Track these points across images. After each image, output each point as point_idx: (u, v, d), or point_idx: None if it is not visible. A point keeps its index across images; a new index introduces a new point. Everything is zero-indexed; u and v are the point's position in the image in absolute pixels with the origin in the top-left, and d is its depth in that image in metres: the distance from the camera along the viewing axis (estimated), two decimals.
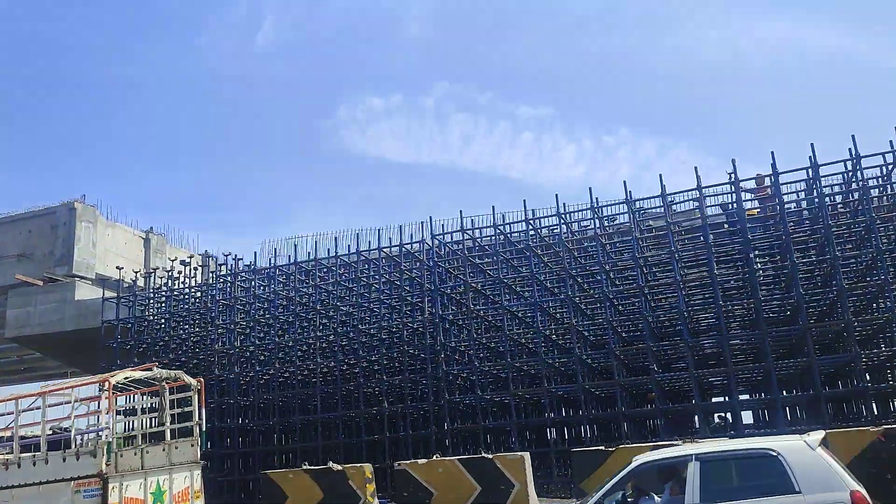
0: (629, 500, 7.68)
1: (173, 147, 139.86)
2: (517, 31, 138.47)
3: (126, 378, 14.06)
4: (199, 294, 22.43)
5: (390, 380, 18.77)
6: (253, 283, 21.20)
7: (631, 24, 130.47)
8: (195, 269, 24.98)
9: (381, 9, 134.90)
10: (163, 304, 22.98)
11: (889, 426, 10.78)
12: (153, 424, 16.84)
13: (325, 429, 19.63)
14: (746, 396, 26.49)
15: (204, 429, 14.56)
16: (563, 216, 17.73)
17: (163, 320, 22.68)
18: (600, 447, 13.71)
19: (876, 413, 15.60)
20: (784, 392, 19.95)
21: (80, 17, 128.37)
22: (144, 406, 15.96)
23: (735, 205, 17.81)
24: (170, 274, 22.79)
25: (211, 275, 23.03)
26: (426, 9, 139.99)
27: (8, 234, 25.40)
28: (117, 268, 22.54)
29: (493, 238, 18.57)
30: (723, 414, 22.41)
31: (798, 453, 7.11)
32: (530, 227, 18.33)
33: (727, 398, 22.42)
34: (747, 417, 22.92)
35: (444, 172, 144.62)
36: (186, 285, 23.45)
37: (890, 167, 15.91)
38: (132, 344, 22.09)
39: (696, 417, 22.60)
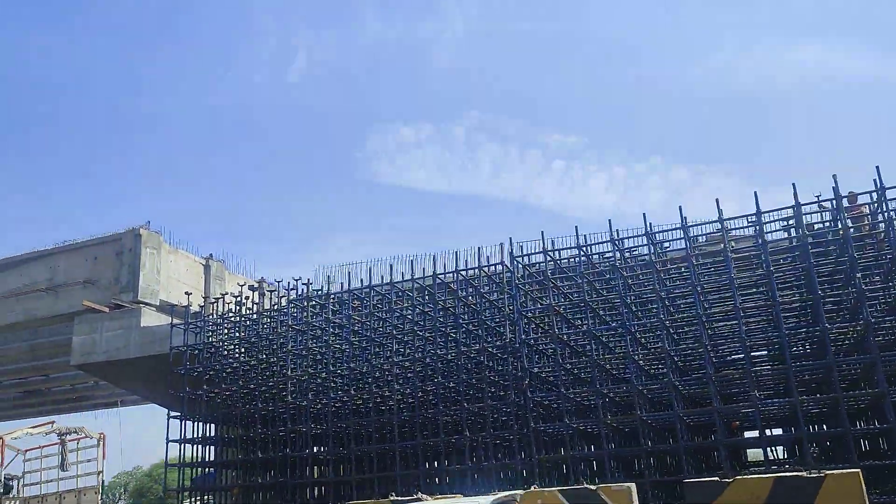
0: None
1: (218, 178, 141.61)
2: (547, 59, 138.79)
3: (26, 434, 16.27)
4: (267, 319, 22.10)
5: (471, 407, 18.13)
6: (325, 308, 20.81)
7: (661, 52, 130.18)
8: (262, 295, 24.80)
9: (411, 40, 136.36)
10: (229, 331, 22.70)
11: None
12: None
13: (403, 458, 19.01)
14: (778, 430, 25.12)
15: (104, 478, 16.57)
16: (651, 236, 17.13)
17: (230, 346, 22.38)
18: (714, 478, 12.88)
19: None
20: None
21: (128, 57, 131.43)
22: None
23: (834, 223, 17.13)
24: (238, 299, 22.52)
25: (279, 300, 22.69)
26: (456, 39, 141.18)
27: (73, 261, 25.37)
28: (186, 293, 22.30)
29: (577, 260, 18.00)
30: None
31: None
32: (616, 248, 17.75)
33: (832, 427, 21.31)
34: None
35: (475, 201, 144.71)
36: (254, 311, 23.19)
37: None
38: (200, 370, 21.80)
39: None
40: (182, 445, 21.48)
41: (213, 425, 23.02)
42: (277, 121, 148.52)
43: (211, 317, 23.06)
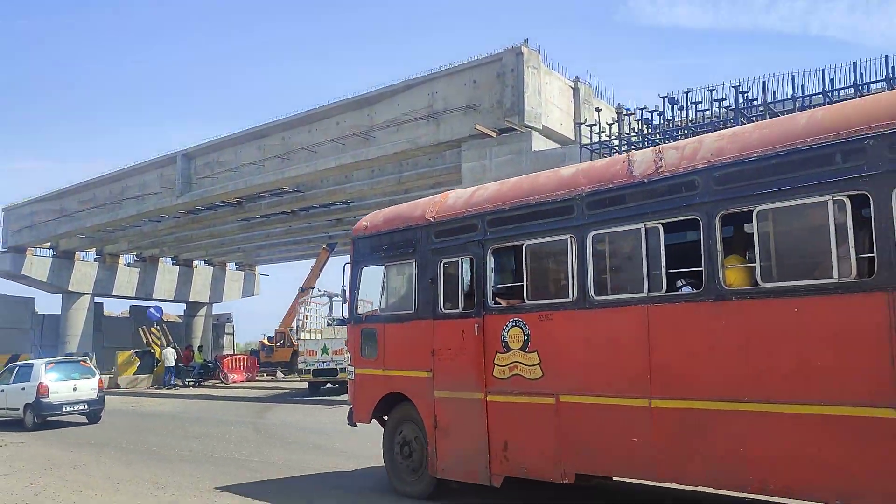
0: None
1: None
2: None
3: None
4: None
5: None
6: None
7: None
8: (621, 120, 22.03)
9: None
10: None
11: None
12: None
13: None
14: None
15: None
16: None
17: None
18: None
19: None
20: None
21: None
22: None
23: None
24: (650, 115, 20.02)
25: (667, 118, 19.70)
26: None
27: (452, 86, 24.37)
28: (594, 111, 20.29)
29: None
30: None
31: (39, 363, 19.42)
32: None
33: None
34: None
35: (746, 37, 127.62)
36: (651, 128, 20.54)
37: None
38: None
39: None
40: None
41: None
42: None
43: (609, 140, 20.89)
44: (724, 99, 19.55)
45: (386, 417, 9.66)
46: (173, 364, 34.02)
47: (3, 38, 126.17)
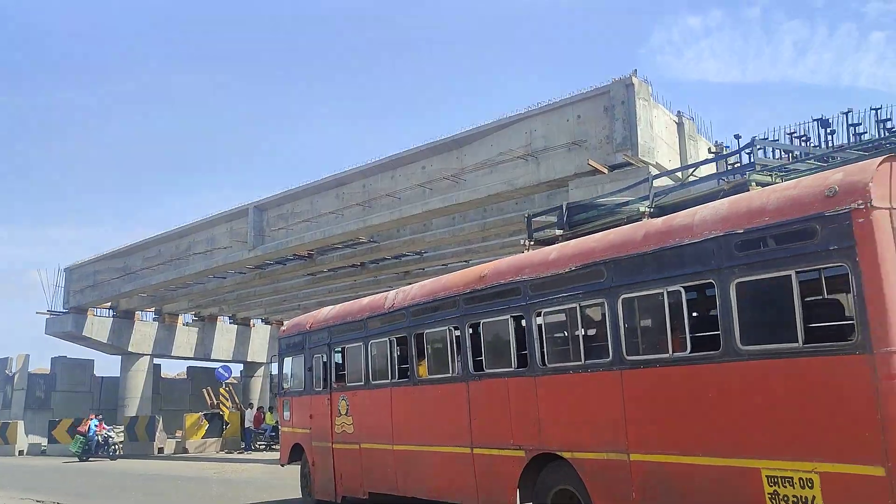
0: None
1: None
2: None
3: None
4: None
5: None
6: None
7: None
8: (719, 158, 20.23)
9: None
10: None
11: None
12: None
13: None
14: None
15: None
16: None
17: None
18: None
19: None
20: None
21: None
22: None
23: None
24: (798, 141, 18.25)
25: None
26: None
27: (552, 123, 22.85)
28: (720, 144, 18.67)
29: None
30: None
31: None
32: None
33: None
34: None
35: (776, 89, 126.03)
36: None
37: None
38: None
39: None
40: None
41: None
42: (556, 20, 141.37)
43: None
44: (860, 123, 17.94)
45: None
46: (250, 426, 32.23)
47: (52, 111, 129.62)
